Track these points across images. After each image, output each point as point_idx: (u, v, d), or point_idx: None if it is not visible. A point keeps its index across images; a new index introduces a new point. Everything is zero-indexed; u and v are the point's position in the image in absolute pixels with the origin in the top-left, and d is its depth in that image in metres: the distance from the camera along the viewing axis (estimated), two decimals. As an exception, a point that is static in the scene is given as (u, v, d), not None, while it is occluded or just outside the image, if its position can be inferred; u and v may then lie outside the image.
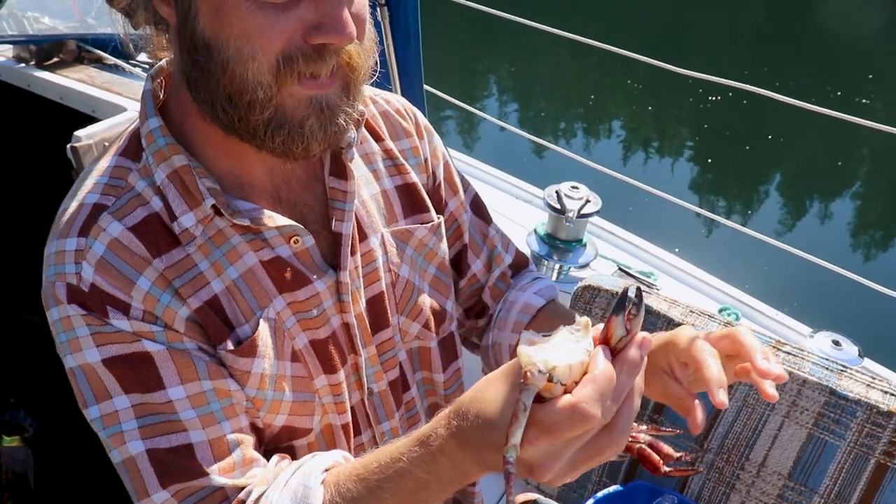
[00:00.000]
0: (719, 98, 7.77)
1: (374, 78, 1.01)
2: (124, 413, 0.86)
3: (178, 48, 0.87)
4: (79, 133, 1.88)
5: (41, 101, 2.44)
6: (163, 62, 0.98)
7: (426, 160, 1.15)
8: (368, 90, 1.14)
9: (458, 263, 1.23)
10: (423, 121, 1.18)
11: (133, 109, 2.14)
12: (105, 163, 0.94)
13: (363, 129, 1.07)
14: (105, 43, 2.59)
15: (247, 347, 0.91)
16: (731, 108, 7.53)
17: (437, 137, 1.20)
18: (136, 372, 0.86)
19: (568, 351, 0.68)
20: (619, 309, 0.68)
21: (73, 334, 0.86)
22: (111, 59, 2.55)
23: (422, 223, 1.11)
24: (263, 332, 0.93)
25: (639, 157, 7.47)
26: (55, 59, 2.55)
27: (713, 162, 7.36)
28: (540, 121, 8.29)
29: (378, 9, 1.89)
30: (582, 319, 0.71)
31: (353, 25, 0.82)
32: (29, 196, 2.69)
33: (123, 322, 0.86)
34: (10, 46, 2.57)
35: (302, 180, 1.00)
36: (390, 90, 2.06)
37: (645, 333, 0.71)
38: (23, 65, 2.52)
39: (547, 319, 1.20)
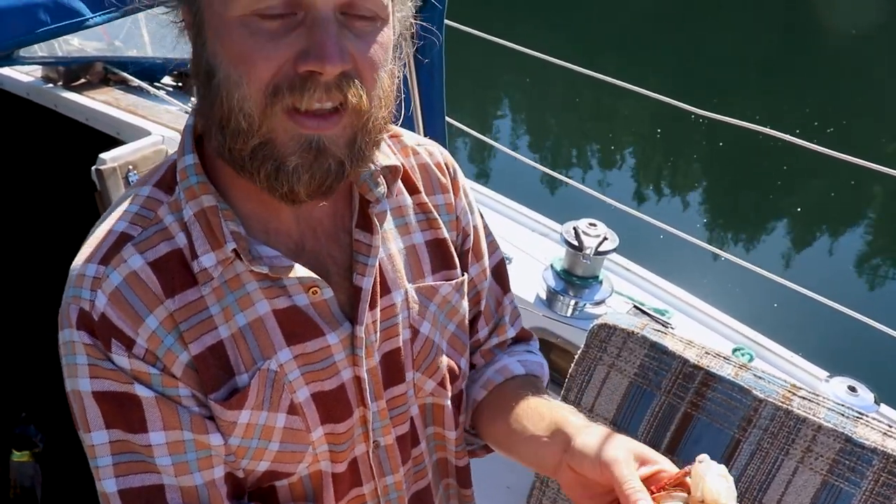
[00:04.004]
0: (735, 134, 7.78)
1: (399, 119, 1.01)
2: (101, 448, 0.87)
3: (194, 76, 0.87)
4: (103, 156, 1.91)
5: (67, 122, 2.48)
6: None
7: (458, 218, 1.14)
8: (411, 139, 1.13)
9: (470, 327, 1.21)
10: (462, 179, 1.17)
11: (157, 133, 2.17)
12: (140, 191, 0.94)
13: (398, 182, 1.05)
14: (130, 65, 2.64)
15: (236, 400, 0.91)
16: (748, 144, 7.53)
17: (470, 197, 1.18)
18: (122, 410, 0.87)
19: None
20: None
21: (73, 360, 0.87)
22: (136, 82, 2.59)
23: (447, 280, 1.10)
24: (258, 385, 0.92)
25: (652, 191, 7.47)
26: (82, 81, 2.59)
27: (728, 199, 7.35)
28: (555, 151, 8.33)
29: (404, 44, 1.91)
30: None
31: (341, 55, 0.79)
32: (52, 215, 2.72)
33: (123, 359, 0.86)
34: (40, 66, 2.61)
35: (329, 231, 0.99)
36: (411, 124, 2.08)
37: None
38: (51, 85, 2.56)
39: (515, 388, 1.16)
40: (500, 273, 1.23)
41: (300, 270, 0.93)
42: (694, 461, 0.87)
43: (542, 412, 1.05)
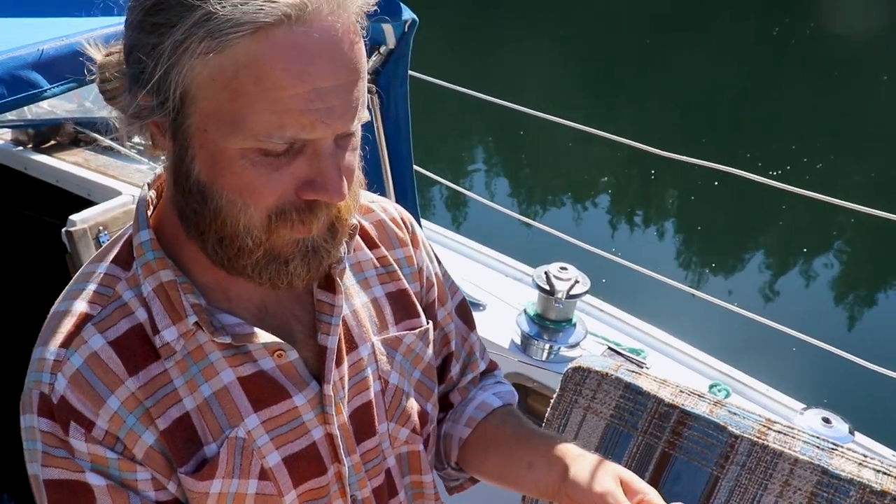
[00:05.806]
0: (708, 172, 7.86)
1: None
2: None
3: (173, 181, 0.87)
4: (73, 217, 1.91)
5: (38, 184, 2.48)
6: (161, 169, 0.99)
7: (420, 270, 1.16)
8: (365, 196, 1.15)
9: (442, 369, 1.24)
10: (420, 231, 1.19)
11: (127, 193, 2.17)
12: (97, 268, 0.94)
13: (357, 237, 1.07)
14: (100, 125, 2.65)
15: (206, 471, 0.91)
16: (720, 181, 7.62)
17: (429, 247, 1.22)
18: (73, 499, 0.87)
19: None
20: None
21: (31, 445, 0.88)
22: (106, 141, 2.60)
23: (410, 329, 1.12)
24: (227, 453, 0.93)
25: (626, 230, 7.53)
26: (52, 142, 2.59)
27: (701, 235, 7.42)
28: (528, 195, 8.38)
29: (370, 97, 1.94)
30: None
31: (345, 185, 0.83)
32: (23, 279, 2.70)
33: (81, 442, 0.86)
34: (9, 129, 2.62)
35: (291, 292, 1.00)
36: (379, 176, 2.09)
37: None
38: (20, 148, 2.56)
39: (500, 420, 1.22)
40: (463, 312, 1.27)
41: (263, 336, 0.93)
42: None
43: (535, 441, 1.12)
